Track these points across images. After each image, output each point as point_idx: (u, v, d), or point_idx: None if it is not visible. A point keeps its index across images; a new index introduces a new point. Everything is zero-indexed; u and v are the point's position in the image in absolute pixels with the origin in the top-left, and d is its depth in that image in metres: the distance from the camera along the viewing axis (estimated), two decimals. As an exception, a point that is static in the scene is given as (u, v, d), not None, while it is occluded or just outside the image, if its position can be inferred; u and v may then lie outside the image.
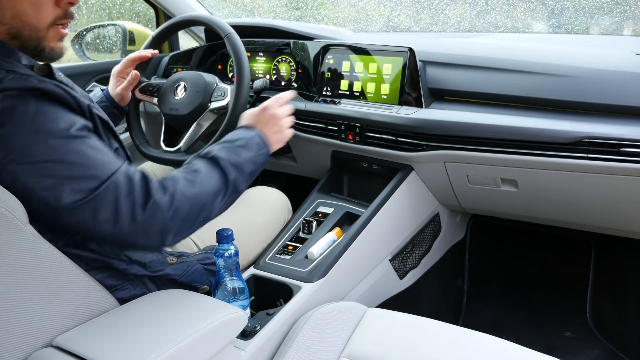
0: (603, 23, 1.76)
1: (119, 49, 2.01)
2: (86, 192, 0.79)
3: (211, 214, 0.94)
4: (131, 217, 0.82)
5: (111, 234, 0.82)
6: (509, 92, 1.25)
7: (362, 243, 1.27)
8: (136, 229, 0.83)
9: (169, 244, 0.89)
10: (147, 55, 1.35)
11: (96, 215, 0.80)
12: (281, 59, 1.65)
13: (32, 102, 0.78)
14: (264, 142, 1.06)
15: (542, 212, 1.39)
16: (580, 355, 1.55)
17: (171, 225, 0.86)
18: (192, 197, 0.90)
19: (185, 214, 0.88)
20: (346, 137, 1.43)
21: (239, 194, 1.00)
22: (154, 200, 0.84)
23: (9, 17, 0.83)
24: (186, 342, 0.77)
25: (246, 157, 1.01)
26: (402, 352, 0.93)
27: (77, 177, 0.79)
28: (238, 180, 0.98)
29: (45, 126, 0.78)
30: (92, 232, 0.82)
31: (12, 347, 0.75)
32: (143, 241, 0.85)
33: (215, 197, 0.94)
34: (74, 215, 0.79)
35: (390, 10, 2.29)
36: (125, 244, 0.87)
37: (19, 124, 0.76)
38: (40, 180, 0.77)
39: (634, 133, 1.08)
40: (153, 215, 0.84)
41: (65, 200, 0.78)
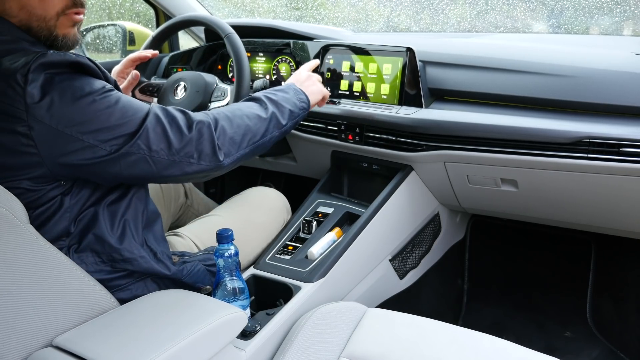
0: (603, 23, 1.76)
1: (119, 49, 2.01)
2: (136, 130, 0.88)
3: (256, 137, 1.04)
4: (180, 139, 0.92)
5: (169, 161, 0.91)
6: (509, 92, 1.25)
7: (362, 243, 1.27)
8: (189, 150, 0.93)
9: (224, 164, 0.98)
10: (147, 55, 1.35)
11: (151, 147, 0.89)
12: (281, 59, 1.65)
13: (68, 73, 0.84)
14: (300, 90, 1.20)
15: (542, 212, 1.39)
16: (580, 355, 1.55)
17: (220, 143, 0.96)
18: (234, 119, 1.01)
19: (231, 134, 0.99)
20: (346, 137, 1.43)
21: (283, 129, 1.12)
22: (198, 120, 0.95)
23: (17, 10, 0.87)
24: (186, 342, 0.77)
25: (283, 97, 1.14)
26: (402, 352, 0.93)
27: (125, 121, 0.87)
28: (277, 114, 1.10)
29: (84, 89, 0.84)
30: (152, 166, 0.90)
31: (12, 347, 0.75)
32: (198, 161, 0.94)
33: (257, 122, 1.05)
34: (133, 154, 0.88)
35: (390, 10, 2.29)
36: (185, 168, 0.93)
37: (62, 92, 0.82)
38: (96, 135, 0.85)
39: (634, 133, 1.08)
40: (200, 134, 0.94)
41: (122, 143, 0.86)
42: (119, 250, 0.95)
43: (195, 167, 0.94)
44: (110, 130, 0.85)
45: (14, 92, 0.79)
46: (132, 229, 0.98)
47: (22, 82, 0.79)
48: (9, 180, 0.83)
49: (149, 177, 0.93)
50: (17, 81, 0.79)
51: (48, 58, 0.81)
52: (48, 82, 0.81)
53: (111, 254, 0.94)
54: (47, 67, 0.81)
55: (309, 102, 1.21)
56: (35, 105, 0.80)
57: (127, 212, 0.97)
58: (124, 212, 0.97)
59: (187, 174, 0.95)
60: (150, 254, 1.00)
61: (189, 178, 0.99)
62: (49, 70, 0.81)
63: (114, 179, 0.92)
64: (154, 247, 1.01)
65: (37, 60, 0.80)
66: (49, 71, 0.81)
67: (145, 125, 0.89)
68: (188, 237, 1.20)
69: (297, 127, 1.45)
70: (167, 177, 0.94)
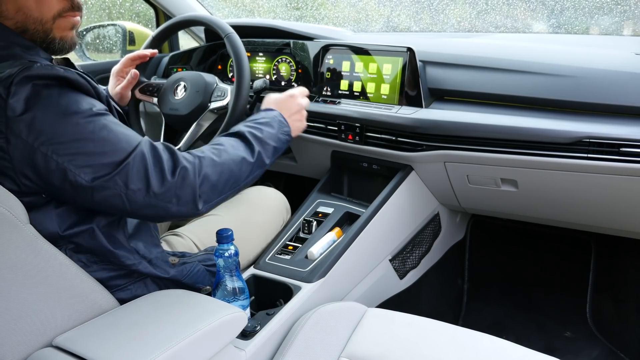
0: (603, 23, 1.76)
1: (119, 49, 2.01)
2: (116, 164, 0.83)
3: (239, 181, 1.01)
4: (161, 184, 0.87)
5: (144, 203, 0.86)
6: (509, 92, 1.25)
7: (362, 243, 1.27)
8: (168, 196, 0.88)
9: (202, 210, 0.93)
10: (146, 54, 1.35)
11: (128, 185, 0.84)
12: (281, 59, 1.65)
13: (56, 89, 0.81)
14: (285, 122, 1.14)
15: (542, 212, 1.39)
16: (580, 355, 1.55)
17: (201, 191, 0.92)
18: (219, 164, 0.96)
19: (214, 180, 0.94)
20: (346, 137, 1.43)
21: (265, 167, 1.08)
22: (182, 166, 0.90)
23: (13, 12, 0.85)
24: (186, 342, 0.77)
25: (269, 133, 1.09)
26: (402, 352, 0.93)
27: (106, 151, 0.83)
28: (262, 153, 1.06)
29: (70, 108, 0.81)
30: (127, 204, 0.85)
31: (12, 347, 0.75)
32: (176, 207, 0.89)
33: (242, 165, 1.01)
34: (108, 189, 0.83)
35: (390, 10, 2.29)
36: (159, 212, 0.89)
37: (45, 109, 0.79)
38: (72, 159, 0.80)
39: (634, 133, 1.08)
40: (183, 180, 0.89)
41: (98, 174, 0.82)
42: (115, 255, 0.94)
43: (171, 212, 0.89)
44: (88, 156, 0.81)
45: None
46: (118, 239, 0.95)
47: (5, 94, 0.77)
48: None
49: (122, 213, 0.90)
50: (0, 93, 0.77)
51: (33, 71, 0.79)
52: (33, 95, 0.79)
53: (108, 257, 0.94)
54: (33, 79, 0.79)
55: (291, 134, 1.16)
56: (16, 118, 0.77)
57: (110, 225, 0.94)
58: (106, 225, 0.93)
59: (161, 217, 0.91)
60: (144, 261, 0.99)
61: (163, 220, 0.96)
62: (36, 82, 0.79)
63: (86, 205, 0.87)
64: (146, 255, 1.00)
65: (22, 73, 0.78)
66: (36, 82, 0.79)
67: (128, 162, 0.84)
68: (188, 237, 1.20)
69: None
70: (139, 217, 0.92)
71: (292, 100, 1.20)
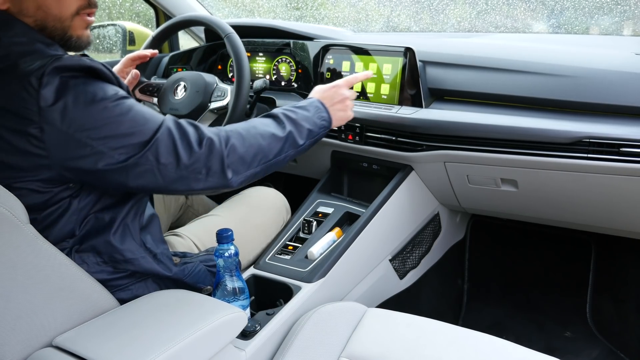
0: (603, 23, 1.76)
1: (119, 49, 2.01)
2: (146, 142, 0.87)
3: (268, 157, 1.02)
4: (190, 155, 0.90)
5: (176, 176, 0.90)
6: (509, 92, 1.25)
7: (362, 243, 1.27)
8: (197, 167, 0.91)
9: (233, 182, 0.96)
10: (146, 55, 1.35)
11: (159, 160, 0.88)
12: (281, 59, 1.65)
13: (82, 79, 0.84)
14: (323, 108, 1.16)
15: (542, 212, 1.39)
16: (580, 355, 1.55)
17: (229, 161, 0.95)
18: (247, 137, 0.99)
19: (242, 152, 0.97)
20: (346, 137, 1.43)
21: (299, 149, 1.09)
22: (208, 137, 0.93)
23: (33, 9, 0.87)
24: (186, 342, 0.77)
25: (303, 115, 1.11)
26: (402, 352, 0.93)
27: (135, 131, 0.86)
28: (294, 133, 1.07)
29: (98, 95, 0.84)
30: (160, 179, 0.89)
31: (12, 347, 0.75)
32: (206, 179, 0.92)
33: (271, 141, 1.02)
34: (141, 166, 0.87)
35: (390, 10, 2.29)
36: (191, 185, 0.92)
37: (75, 97, 0.82)
38: (106, 142, 0.84)
39: (634, 133, 1.08)
40: (210, 150, 0.92)
41: (131, 153, 0.86)
42: (120, 250, 0.95)
43: (202, 183, 0.93)
44: (120, 138, 0.85)
45: (28, 95, 0.80)
46: (132, 231, 0.98)
47: (37, 85, 0.80)
48: (20, 180, 0.83)
49: (155, 189, 0.93)
50: (32, 84, 0.80)
51: (63, 62, 0.82)
52: (62, 86, 0.81)
53: (113, 255, 0.94)
54: (62, 71, 0.82)
55: (331, 122, 1.17)
56: (48, 108, 0.80)
57: (128, 215, 0.97)
58: (125, 215, 0.97)
59: (193, 190, 0.94)
60: (150, 255, 1.00)
61: (196, 193, 0.99)
62: (64, 74, 0.82)
63: (119, 188, 0.91)
64: (152, 249, 1.01)
65: (52, 64, 0.81)
66: (64, 74, 0.82)
67: (157, 137, 0.88)
68: (188, 237, 1.20)
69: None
70: (173, 191, 0.94)
71: (335, 90, 1.21)
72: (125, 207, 0.97)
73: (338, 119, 1.20)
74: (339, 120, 1.21)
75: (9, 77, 0.81)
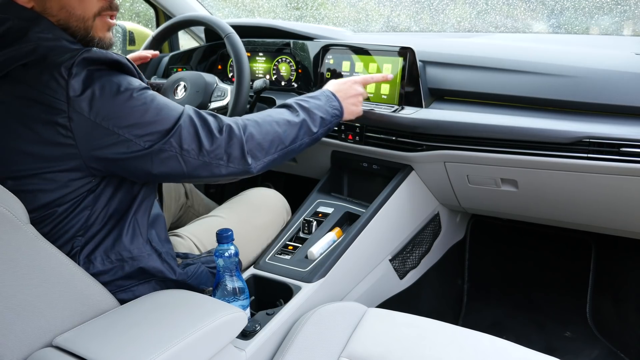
0: (603, 23, 1.76)
1: (119, 49, 2.01)
2: (169, 129, 0.90)
3: (285, 143, 1.06)
4: (211, 142, 0.94)
5: (199, 162, 0.93)
6: (509, 92, 1.25)
7: (362, 243, 1.27)
8: (219, 153, 0.95)
9: (253, 168, 1.00)
10: (147, 56, 1.35)
11: (183, 146, 0.91)
12: (281, 59, 1.65)
13: (107, 71, 0.88)
14: (335, 98, 1.20)
15: (542, 212, 1.39)
16: (580, 355, 1.55)
17: (248, 147, 0.99)
18: (262, 124, 1.03)
19: (259, 139, 1.01)
20: (346, 137, 1.43)
21: (314, 137, 1.13)
22: (227, 124, 0.98)
23: (56, 9, 0.90)
24: (186, 342, 0.77)
25: (315, 103, 1.15)
26: (402, 352, 0.93)
27: (159, 119, 0.90)
28: (308, 120, 1.11)
29: (122, 85, 0.88)
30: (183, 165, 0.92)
31: (12, 347, 0.75)
32: (227, 164, 0.96)
33: (286, 127, 1.07)
34: (165, 152, 0.90)
35: (390, 10, 2.29)
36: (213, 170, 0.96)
37: (102, 88, 0.85)
38: (131, 130, 0.87)
39: (634, 133, 1.08)
40: (229, 137, 0.96)
41: (156, 139, 0.89)
42: (129, 247, 0.96)
43: (224, 169, 0.96)
44: (145, 126, 0.88)
45: (57, 85, 0.82)
46: (140, 228, 0.99)
47: (66, 75, 0.82)
48: (44, 171, 0.85)
49: (179, 176, 0.95)
50: (61, 74, 0.82)
51: (92, 54, 0.85)
52: (89, 77, 0.84)
53: (120, 252, 0.95)
54: (89, 63, 0.85)
55: (342, 111, 1.21)
56: (77, 97, 0.83)
57: (137, 212, 0.99)
58: (135, 212, 0.98)
59: (215, 176, 0.97)
60: (155, 254, 1.00)
61: (217, 179, 1.01)
62: (90, 67, 0.85)
63: (145, 176, 0.93)
64: (158, 248, 1.01)
65: (82, 55, 0.84)
66: (90, 67, 0.85)
67: (179, 124, 0.91)
68: (188, 237, 1.20)
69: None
70: (196, 177, 0.97)
71: (350, 85, 1.25)
72: (135, 204, 0.98)
73: (350, 112, 1.24)
74: (351, 114, 1.25)
75: (38, 69, 0.83)
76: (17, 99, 0.84)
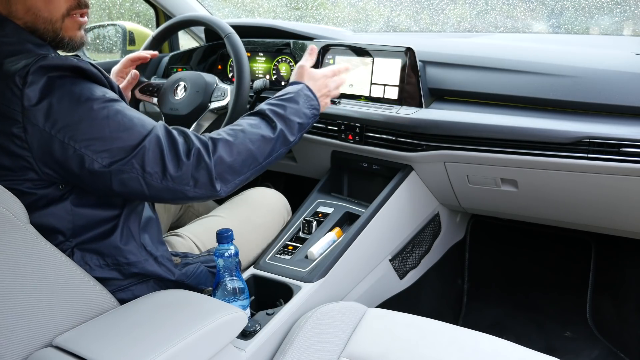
0: (603, 23, 1.76)
1: (119, 49, 2.01)
2: (132, 147, 0.84)
3: (258, 161, 1.00)
4: (177, 167, 0.88)
5: (162, 186, 0.88)
6: (509, 92, 1.25)
7: (362, 243, 1.27)
8: (184, 178, 0.89)
9: (222, 192, 0.94)
10: (146, 56, 1.35)
11: (145, 169, 0.85)
12: (281, 59, 1.65)
13: (69, 79, 0.83)
14: (313, 96, 1.13)
15: (542, 212, 1.39)
16: (580, 355, 1.55)
17: (217, 172, 0.92)
18: (235, 145, 0.96)
19: (230, 161, 0.94)
20: (346, 137, 1.43)
21: (290, 145, 1.07)
22: (195, 147, 0.91)
23: (22, 12, 0.86)
24: (186, 342, 0.77)
25: (292, 109, 1.08)
26: (402, 352, 0.93)
27: (121, 135, 0.84)
28: (285, 131, 1.05)
29: (84, 95, 0.83)
30: (145, 188, 0.86)
31: (12, 347, 0.75)
32: (193, 190, 0.90)
33: (261, 144, 1.00)
34: (125, 173, 0.84)
35: (390, 10, 2.29)
36: (178, 195, 0.90)
37: (60, 97, 0.81)
38: (89, 145, 0.82)
39: (634, 133, 1.08)
40: (197, 162, 0.90)
41: (115, 158, 0.83)
42: (124, 252, 0.94)
43: (190, 194, 0.90)
44: (104, 141, 0.83)
45: (12, 94, 0.79)
46: (132, 232, 0.97)
47: (21, 84, 0.78)
48: (9, 180, 0.82)
49: (141, 198, 0.92)
50: (16, 83, 0.78)
51: (49, 61, 0.80)
52: (48, 85, 0.80)
53: (116, 257, 0.94)
54: (48, 70, 0.81)
55: (319, 108, 1.15)
56: (32, 107, 0.79)
57: (129, 218, 0.97)
58: (125, 218, 0.96)
59: (180, 199, 0.92)
60: (151, 258, 0.99)
61: (184, 203, 0.97)
62: (50, 74, 0.81)
63: (105, 192, 0.88)
64: (153, 252, 1.00)
65: (37, 63, 0.80)
66: (50, 74, 0.81)
67: (143, 145, 0.85)
68: (188, 237, 1.20)
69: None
70: (160, 200, 0.93)
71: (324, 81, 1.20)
72: (125, 209, 0.96)
73: (323, 107, 1.19)
74: (325, 105, 1.20)
75: None
76: None
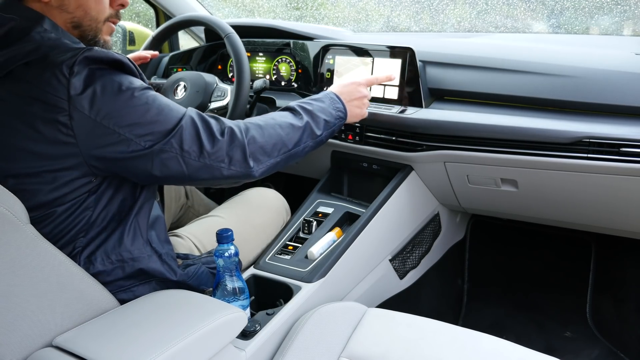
0: (603, 23, 1.76)
1: (119, 49, 2.01)
2: (170, 129, 0.90)
3: (288, 147, 1.06)
4: (212, 144, 0.94)
5: (199, 164, 0.93)
6: (509, 92, 1.25)
7: (362, 243, 1.27)
8: (220, 155, 0.95)
9: (255, 171, 1.00)
10: (146, 56, 1.35)
11: (183, 147, 0.91)
12: (281, 59, 1.65)
13: (108, 71, 0.88)
14: (338, 100, 1.20)
15: (542, 212, 1.39)
16: (580, 355, 1.55)
17: (250, 150, 0.98)
18: (265, 127, 1.03)
19: (262, 142, 1.01)
20: (346, 137, 1.43)
21: (317, 139, 1.12)
22: (228, 126, 0.98)
23: (74, 7, 0.93)
24: (186, 342, 0.77)
25: (319, 106, 1.15)
26: (402, 352, 0.93)
27: (160, 119, 0.90)
28: (312, 124, 1.11)
29: (124, 84, 0.88)
30: (184, 167, 0.92)
31: (12, 347, 0.75)
32: (228, 167, 0.96)
33: (289, 130, 1.06)
34: (165, 152, 0.90)
35: (390, 10, 2.29)
36: (214, 173, 0.95)
37: (103, 87, 0.86)
38: (132, 129, 0.87)
39: (634, 133, 1.08)
40: (231, 139, 0.96)
41: (156, 139, 0.89)
42: (129, 250, 0.96)
43: (225, 171, 0.96)
44: (145, 125, 0.88)
45: (59, 83, 0.82)
46: (141, 229, 0.99)
47: (68, 73, 0.82)
48: (45, 170, 0.85)
49: (180, 178, 0.95)
50: (63, 72, 0.82)
51: (94, 53, 0.85)
52: (90, 76, 0.85)
53: (121, 253, 0.95)
54: (91, 62, 0.85)
55: (346, 114, 1.20)
56: (78, 96, 0.83)
57: (139, 214, 0.99)
58: (136, 214, 0.98)
59: (217, 178, 0.96)
60: (155, 255, 1.00)
61: (219, 182, 1.01)
62: (92, 65, 0.85)
63: (145, 177, 0.93)
64: (158, 249, 1.01)
65: (83, 54, 0.84)
66: (92, 66, 0.85)
67: (180, 125, 0.91)
68: (188, 237, 1.20)
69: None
70: (197, 180, 0.96)
71: (354, 87, 1.24)
72: (137, 205, 0.98)
73: (354, 115, 1.24)
74: (355, 117, 1.24)
75: (40, 68, 0.83)
76: (19, 97, 0.84)
